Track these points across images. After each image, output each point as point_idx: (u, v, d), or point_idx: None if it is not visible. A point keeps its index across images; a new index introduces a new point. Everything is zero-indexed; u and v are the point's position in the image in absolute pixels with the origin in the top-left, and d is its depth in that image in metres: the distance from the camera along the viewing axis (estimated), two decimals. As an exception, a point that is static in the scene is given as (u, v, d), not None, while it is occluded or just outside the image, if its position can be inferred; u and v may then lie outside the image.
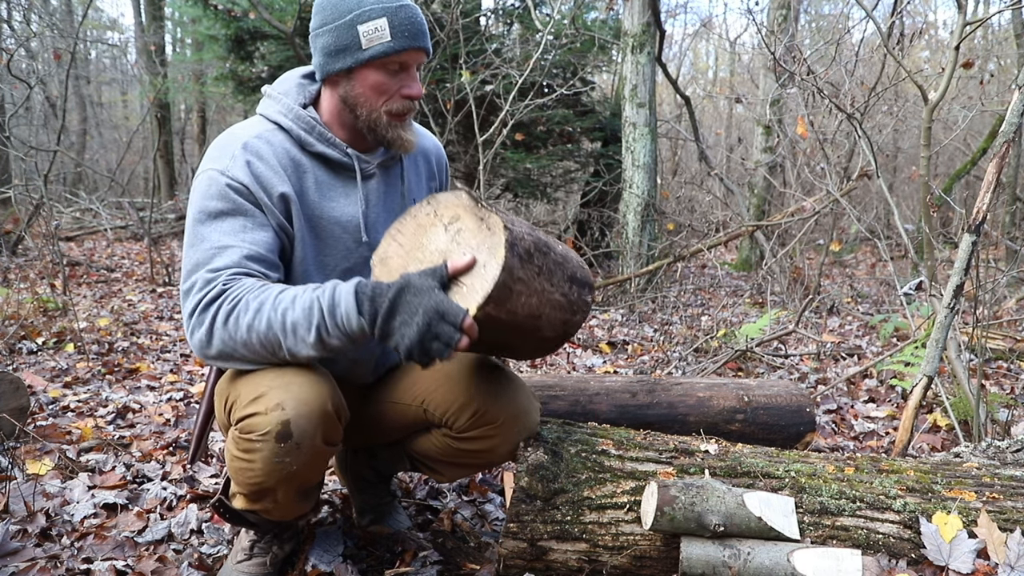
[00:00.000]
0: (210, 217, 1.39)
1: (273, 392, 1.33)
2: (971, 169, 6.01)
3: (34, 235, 6.81)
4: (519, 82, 5.15)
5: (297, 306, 1.30)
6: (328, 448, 1.40)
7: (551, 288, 1.38)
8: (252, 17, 6.30)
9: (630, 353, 4.08)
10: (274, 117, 1.51)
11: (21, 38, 8.18)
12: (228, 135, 1.48)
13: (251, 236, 1.39)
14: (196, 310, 1.34)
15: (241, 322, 1.31)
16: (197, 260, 1.37)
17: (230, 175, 1.40)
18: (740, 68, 13.58)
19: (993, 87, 9.58)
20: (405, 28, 1.43)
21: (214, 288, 1.33)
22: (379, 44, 1.42)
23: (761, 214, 7.30)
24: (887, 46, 4.08)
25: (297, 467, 1.36)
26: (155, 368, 3.51)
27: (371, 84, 1.46)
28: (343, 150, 1.52)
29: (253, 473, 1.37)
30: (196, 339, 1.35)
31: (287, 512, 1.51)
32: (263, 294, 1.32)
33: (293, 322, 1.29)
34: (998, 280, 4.12)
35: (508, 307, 1.29)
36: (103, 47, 16.32)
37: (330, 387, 1.39)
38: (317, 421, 1.34)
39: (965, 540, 1.46)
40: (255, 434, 1.33)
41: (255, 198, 1.41)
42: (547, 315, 1.39)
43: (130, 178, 12.39)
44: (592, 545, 1.51)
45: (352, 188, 1.55)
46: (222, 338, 1.33)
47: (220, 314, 1.32)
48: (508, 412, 1.54)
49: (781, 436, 2.27)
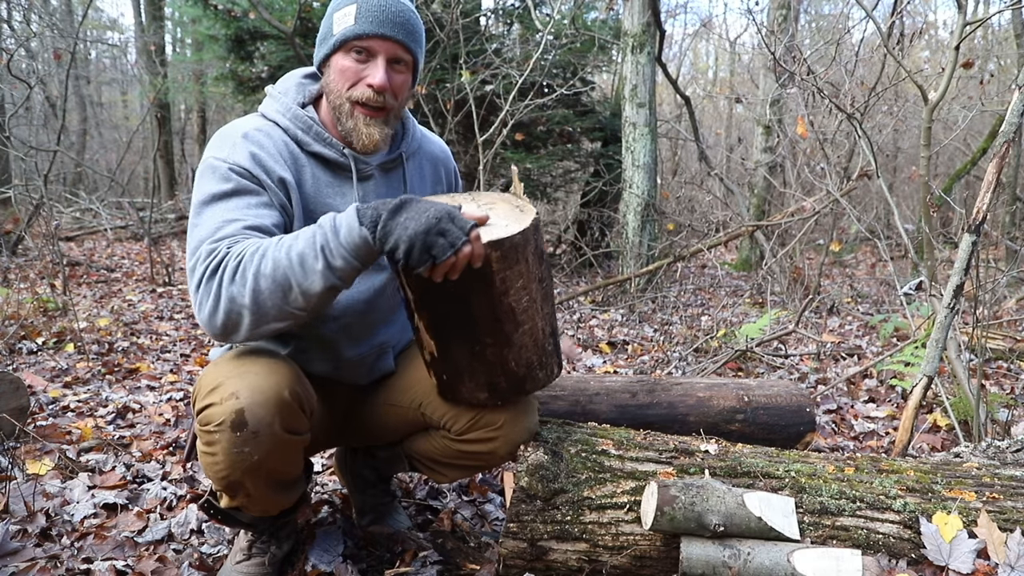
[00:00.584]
0: (214, 198, 1.38)
1: (229, 382, 1.33)
2: (971, 169, 6.01)
3: (34, 235, 6.81)
4: (519, 82, 5.15)
5: (300, 238, 1.26)
6: (291, 436, 1.37)
7: (541, 310, 1.40)
8: (252, 17, 6.30)
9: (630, 353, 4.08)
10: (272, 116, 1.51)
11: (21, 38, 8.18)
12: (228, 127, 1.48)
13: (255, 211, 1.37)
14: (203, 280, 1.29)
15: (248, 273, 1.25)
16: (201, 237, 1.34)
17: (231, 160, 1.40)
18: (740, 68, 13.58)
19: (993, 87, 9.57)
20: (373, 14, 1.43)
21: (217, 255, 1.29)
22: (344, 28, 1.43)
23: (761, 214, 7.30)
24: (887, 46, 4.08)
25: (259, 456, 1.33)
26: (155, 368, 3.51)
27: (338, 69, 1.46)
28: (339, 150, 1.51)
29: (218, 466, 1.36)
30: (205, 311, 1.29)
31: (265, 506, 1.49)
32: (264, 243, 1.28)
33: (300, 253, 1.24)
34: (998, 280, 4.12)
35: (507, 275, 1.29)
36: (103, 47, 16.33)
37: (290, 375, 1.37)
38: (273, 409, 1.32)
39: (965, 540, 1.46)
40: (212, 424, 1.32)
41: (257, 179, 1.40)
42: (526, 334, 1.39)
43: (130, 178, 12.39)
44: (592, 545, 1.51)
45: (349, 188, 1.53)
46: (229, 296, 1.26)
47: (226, 274, 1.27)
48: (508, 414, 1.54)
49: (781, 436, 2.27)
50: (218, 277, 1.28)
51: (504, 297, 1.32)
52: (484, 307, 1.34)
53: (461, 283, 1.27)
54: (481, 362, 1.42)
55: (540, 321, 1.42)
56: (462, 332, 1.39)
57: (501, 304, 1.34)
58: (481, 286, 1.30)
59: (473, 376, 1.45)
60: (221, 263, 1.28)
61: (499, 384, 1.45)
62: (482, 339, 1.38)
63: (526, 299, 1.36)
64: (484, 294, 1.31)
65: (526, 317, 1.38)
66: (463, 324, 1.38)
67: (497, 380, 1.45)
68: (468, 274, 1.26)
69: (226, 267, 1.27)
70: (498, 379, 1.45)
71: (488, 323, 1.36)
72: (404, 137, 1.63)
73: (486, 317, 1.35)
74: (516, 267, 1.31)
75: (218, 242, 1.31)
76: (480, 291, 1.31)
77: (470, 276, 1.27)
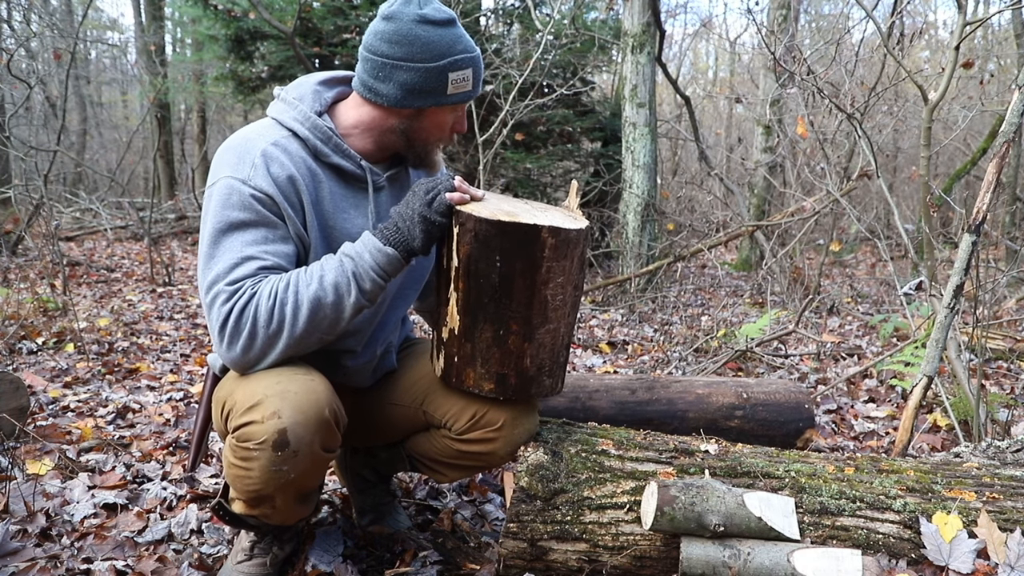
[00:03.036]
0: (232, 227, 1.38)
1: (270, 400, 1.33)
2: (971, 169, 6.01)
3: (34, 235, 6.81)
4: (519, 82, 5.15)
5: (329, 270, 1.38)
6: (326, 455, 1.40)
7: (567, 316, 1.46)
8: (252, 17, 6.31)
9: (630, 353, 4.08)
10: (289, 124, 1.48)
11: (21, 38, 8.18)
12: (244, 141, 1.45)
13: (272, 248, 1.40)
14: (227, 324, 1.35)
15: (285, 312, 1.35)
16: (218, 272, 1.37)
17: (253, 184, 1.39)
18: (740, 68, 13.58)
19: (993, 87, 9.57)
20: (480, 77, 1.50)
21: (240, 299, 1.34)
22: (462, 92, 1.49)
23: (761, 214, 7.30)
24: (887, 46, 4.08)
25: (295, 475, 1.36)
26: (155, 368, 3.51)
27: (438, 123, 1.52)
28: (357, 162, 1.52)
29: (251, 481, 1.37)
30: (236, 350, 1.36)
31: (286, 517, 1.51)
32: (291, 279, 1.37)
33: (333, 284, 1.37)
34: (998, 280, 4.12)
35: (553, 266, 1.37)
36: (103, 47, 16.31)
37: (327, 393, 1.39)
38: (314, 429, 1.34)
39: (965, 540, 1.46)
40: (252, 443, 1.32)
41: (279, 209, 1.41)
42: (548, 333, 1.44)
43: (130, 178, 12.38)
44: (592, 545, 1.51)
45: (363, 200, 1.54)
46: (267, 336, 1.36)
47: (260, 317, 1.34)
48: (508, 414, 1.54)
49: (780, 432, 2.27)
50: (249, 322, 1.34)
51: (544, 287, 1.38)
52: (522, 290, 1.38)
53: (510, 260, 1.34)
54: (500, 347, 1.44)
55: (563, 327, 1.46)
56: (493, 311, 1.42)
57: (539, 293, 1.38)
58: (528, 268, 1.36)
59: (486, 362, 1.46)
60: (247, 306, 1.34)
61: (508, 378, 1.46)
62: (509, 323, 1.41)
63: (560, 297, 1.40)
64: (527, 277, 1.36)
65: (554, 316, 1.42)
66: (496, 302, 1.40)
67: (507, 373, 1.46)
68: (520, 251, 1.33)
69: (258, 310, 1.34)
70: (509, 372, 1.46)
71: (521, 308, 1.40)
72: None
73: (520, 302, 1.39)
74: (563, 262, 1.37)
75: (236, 284, 1.36)
76: (525, 272, 1.36)
77: (522, 254, 1.34)
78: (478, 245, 1.35)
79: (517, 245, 1.34)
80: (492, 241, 1.34)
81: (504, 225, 1.33)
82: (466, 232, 1.35)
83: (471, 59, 1.46)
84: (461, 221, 1.36)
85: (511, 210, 1.40)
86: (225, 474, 1.44)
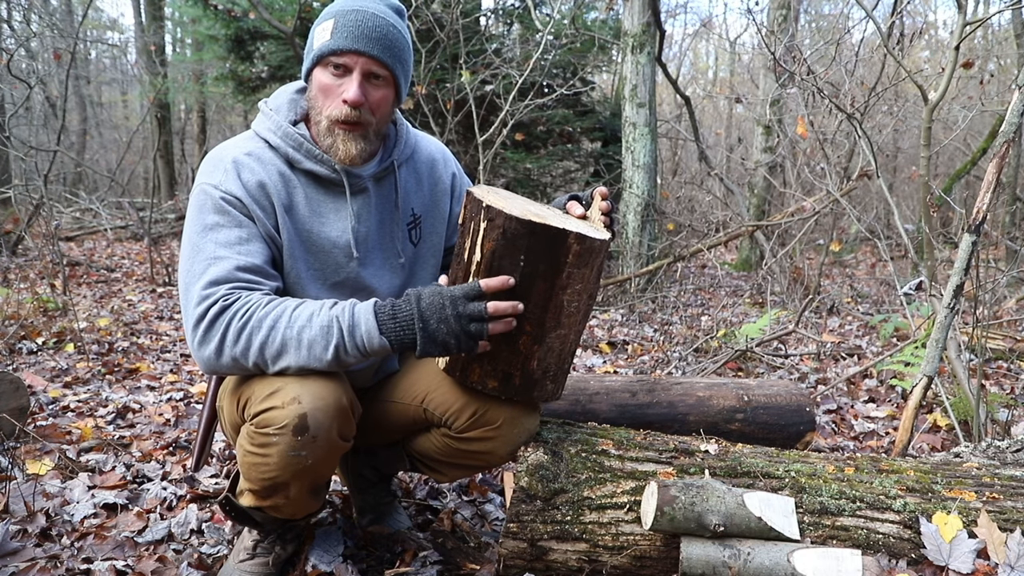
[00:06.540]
0: (206, 228, 1.43)
1: (289, 387, 1.36)
2: (971, 169, 6.01)
3: (34, 235, 6.81)
4: (519, 82, 5.16)
5: (315, 324, 1.34)
6: (342, 443, 1.42)
7: (577, 324, 1.46)
8: (252, 17, 6.30)
9: (630, 353, 4.08)
10: (264, 134, 1.53)
11: (21, 38, 8.18)
12: (220, 150, 1.51)
13: (245, 247, 1.43)
14: (200, 325, 1.37)
15: (254, 339, 1.34)
16: (193, 272, 1.41)
17: (223, 188, 1.44)
18: (740, 68, 13.58)
19: (993, 87, 9.57)
20: (348, 30, 1.43)
21: (214, 303, 1.36)
22: (321, 43, 1.45)
23: (761, 214, 7.30)
24: (887, 46, 4.08)
25: (313, 461, 1.38)
26: (155, 368, 3.52)
27: (318, 86, 1.48)
28: (331, 166, 1.52)
29: (268, 468, 1.39)
30: (205, 353, 1.37)
31: (297, 509, 1.52)
32: (275, 310, 1.35)
33: (310, 340, 1.34)
34: (998, 280, 4.12)
35: (573, 272, 1.37)
36: (103, 47, 16.32)
37: (344, 382, 1.43)
38: (333, 414, 1.37)
39: (965, 540, 1.46)
40: (272, 428, 1.35)
41: (248, 210, 1.44)
42: (557, 338, 1.44)
43: (130, 178, 12.38)
44: (592, 545, 1.51)
45: (343, 204, 1.55)
46: (232, 355, 1.36)
47: (230, 331, 1.35)
48: (508, 413, 1.54)
49: (781, 435, 2.27)
50: (220, 330, 1.35)
51: (562, 292, 1.38)
52: (540, 292, 1.38)
53: (534, 261, 1.34)
54: (510, 346, 1.44)
55: (573, 334, 1.47)
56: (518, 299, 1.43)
57: (556, 297, 1.39)
58: (550, 271, 1.36)
59: (494, 360, 1.46)
60: (222, 316, 1.35)
61: (513, 378, 1.46)
62: (523, 324, 1.41)
63: (575, 304, 1.41)
64: (548, 280, 1.36)
65: (567, 322, 1.43)
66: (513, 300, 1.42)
67: (513, 373, 1.46)
68: (545, 254, 1.34)
69: (230, 323, 1.35)
70: (515, 372, 1.46)
71: (536, 310, 1.40)
72: (396, 145, 1.63)
73: (537, 304, 1.39)
74: (583, 270, 1.38)
75: (212, 287, 1.38)
76: (547, 275, 1.36)
77: (546, 257, 1.34)
78: (505, 242, 1.34)
79: (543, 247, 1.34)
80: (519, 240, 1.34)
81: (534, 226, 1.33)
82: (494, 228, 1.34)
83: (334, 12, 1.45)
84: (491, 217, 1.35)
85: (537, 212, 1.40)
86: (239, 465, 1.45)
